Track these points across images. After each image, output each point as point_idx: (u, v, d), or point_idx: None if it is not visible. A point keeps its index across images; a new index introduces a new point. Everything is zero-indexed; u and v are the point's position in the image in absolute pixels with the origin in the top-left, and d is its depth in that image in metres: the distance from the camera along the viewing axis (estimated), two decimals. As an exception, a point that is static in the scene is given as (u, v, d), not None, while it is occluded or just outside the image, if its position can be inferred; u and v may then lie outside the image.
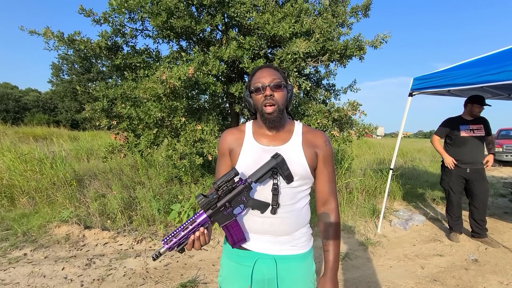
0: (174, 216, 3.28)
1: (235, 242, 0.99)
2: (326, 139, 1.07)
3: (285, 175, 0.96)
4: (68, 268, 2.50)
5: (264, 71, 1.04)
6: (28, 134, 10.92)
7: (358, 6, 3.96)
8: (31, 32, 3.15)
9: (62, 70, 29.20)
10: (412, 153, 10.46)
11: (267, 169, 0.95)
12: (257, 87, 1.01)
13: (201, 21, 3.27)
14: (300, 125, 1.11)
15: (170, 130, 3.47)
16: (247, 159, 1.04)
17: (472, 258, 2.86)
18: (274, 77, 1.02)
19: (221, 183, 0.92)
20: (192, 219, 0.91)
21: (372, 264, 2.73)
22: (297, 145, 1.04)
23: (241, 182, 0.95)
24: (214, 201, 0.93)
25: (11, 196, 3.88)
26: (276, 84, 1.00)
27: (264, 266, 1.02)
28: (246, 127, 1.12)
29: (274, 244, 1.02)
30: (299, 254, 1.05)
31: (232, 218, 0.96)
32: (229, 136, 1.11)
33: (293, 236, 1.04)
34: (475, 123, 3.16)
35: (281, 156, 0.96)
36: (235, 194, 0.94)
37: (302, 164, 1.01)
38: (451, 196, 3.29)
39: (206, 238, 0.93)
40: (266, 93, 1.00)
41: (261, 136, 1.07)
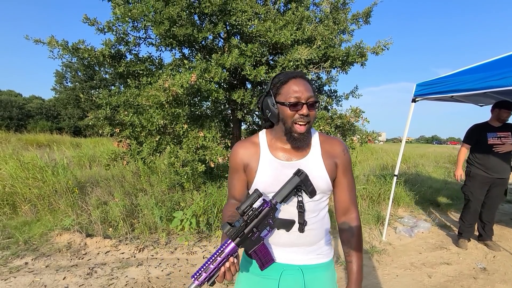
0: (176, 224, 3.25)
1: (264, 264, 0.94)
2: (344, 148, 1.04)
3: (309, 191, 0.93)
4: (69, 277, 2.46)
5: (299, 83, 0.94)
6: (31, 141, 10.98)
7: (359, 13, 3.99)
8: (36, 41, 3.19)
9: (65, 77, 29.53)
10: (415, 159, 10.39)
11: (291, 188, 0.91)
12: (292, 102, 0.91)
13: (203, 29, 3.30)
14: (316, 134, 1.06)
15: (173, 137, 3.47)
16: (266, 176, 0.98)
17: (480, 266, 2.80)
18: (311, 94, 0.94)
19: (246, 208, 0.88)
20: (220, 250, 0.86)
21: (378, 273, 2.68)
22: (317, 158, 1.00)
23: (267, 204, 0.91)
24: (241, 229, 0.89)
25: (13, 203, 3.87)
26: (313, 103, 0.93)
27: (290, 277, 1.00)
28: (260, 139, 1.05)
29: (300, 254, 1.00)
30: (324, 263, 1.03)
31: (260, 242, 0.92)
32: (242, 150, 1.04)
33: (318, 244, 1.02)
34: (503, 130, 3.09)
35: (304, 173, 0.92)
36: (262, 218, 0.90)
37: (324, 178, 0.98)
38: (471, 202, 3.23)
39: (236, 267, 0.88)
40: (303, 112, 0.92)
41: (277, 149, 1.01)
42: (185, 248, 3.04)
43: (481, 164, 3.17)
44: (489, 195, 3.20)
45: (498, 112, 3.09)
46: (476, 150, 3.25)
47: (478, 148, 3.21)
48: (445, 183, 6.36)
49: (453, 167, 9.07)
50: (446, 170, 8.35)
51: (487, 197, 3.21)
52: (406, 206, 4.73)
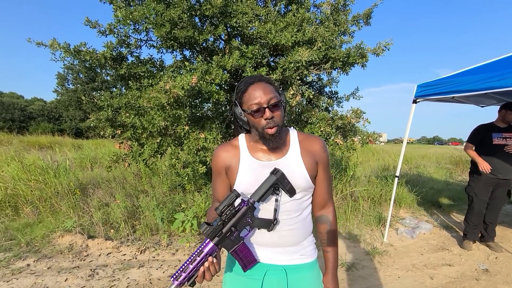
0: (177, 226, 3.25)
1: (246, 266, 0.96)
2: (323, 145, 1.06)
3: (287, 189, 0.94)
4: (71, 279, 2.47)
5: (258, 88, 0.94)
6: (32, 143, 11.03)
7: (359, 15, 3.99)
8: (38, 44, 3.21)
9: (67, 79, 29.67)
10: (416, 159, 10.37)
11: (268, 186, 0.92)
12: (254, 109, 0.93)
13: (204, 31, 3.31)
14: (295, 132, 1.07)
15: (174, 138, 3.48)
16: (247, 177, 1.00)
17: (482, 267, 2.79)
18: (271, 95, 0.93)
19: (223, 208, 0.89)
20: (199, 250, 0.88)
21: (380, 274, 2.67)
22: (296, 156, 1.01)
23: (244, 203, 0.92)
24: (219, 228, 0.90)
25: (15, 205, 3.89)
26: (274, 104, 0.94)
27: (273, 277, 1.01)
28: (240, 142, 1.07)
29: (284, 254, 1.01)
30: (308, 263, 1.04)
31: (240, 241, 0.93)
32: (223, 153, 1.05)
33: (301, 245, 1.04)
34: (508, 131, 3.09)
35: (280, 171, 0.93)
36: (240, 217, 0.91)
37: (303, 176, 0.99)
38: (474, 203, 3.22)
39: (216, 267, 0.89)
40: (267, 115, 0.92)
41: (257, 151, 1.03)
42: (186, 250, 3.05)
43: None
44: (493, 196, 3.19)
45: (504, 113, 3.09)
46: (480, 150, 3.23)
47: (483, 148, 3.20)
48: (446, 184, 6.34)
49: (454, 168, 9.05)
50: (447, 171, 8.32)
51: (491, 198, 3.20)
52: (408, 207, 4.72)
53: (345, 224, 3.80)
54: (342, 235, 3.54)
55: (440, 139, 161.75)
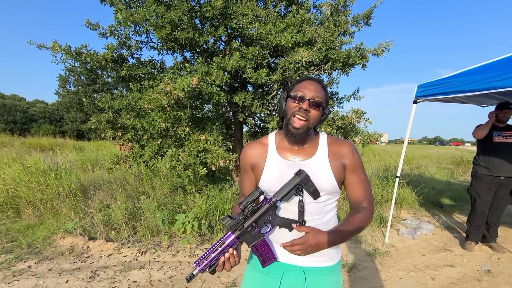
0: (178, 227, 3.25)
1: (265, 262, 0.97)
2: (353, 148, 1.04)
3: (311, 191, 0.94)
4: (72, 281, 2.47)
5: (311, 83, 0.99)
6: (34, 145, 11.06)
7: (359, 15, 4.00)
8: (39, 46, 3.22)
9: (68, 81, 29.76)
10: (417, 160, 10.35)
11: (291, 187, 0.93)
12: (297, 95, 0.96)
13: (205, 32, 3.32)
14: (325, 136, 1.07)
15: (174, 140, 3.48)
16: (271, 175, 1.01)
17: (484, 268, 2.77)
18: (318, 94, 0.97)
19: (246, 203, 0.91)
20: (221, 241, 0.91)
21: (381, 275, 2.66)
22: (323, 159, 1.00)
23: (266, 201, 0.94)
24: (241, 222, 0.92)
25: (17, 207, 3.90)
26: (316, 102, 0.96)
27: (292, 277, 1.01)
28: (269, 140, 1.08)
29: (303, 256, 1.00)
30: (328, 267, 1.02)
31: (260, 237, 0.94)
32: (251, 150, 1.08)
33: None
34: (507, 129, 3.11)
35: (304, 173, 0.93)
36: (261, 214, 0.93)
37: (329, 179, 0.98)
38: (477, 203, 3.21)
39: (236, 259, 0.91)
40: (303, 106, 0.95)
41: (285, 150, 1.03)
42: (187, 251, 3.04)
43: (486, 163, 3.15)
44: (495, 196, 3.18)
45: (497, 114, 3.12)
46: (481, 149, 3.23)
47: (484, 147, 3.20)
48: (448, 184, 6.32)
49: (456, 168, 9.02)
50: (449, 171, 8.30)
51: (494, 198, 3.18)
52: (409, 208, 4.70)
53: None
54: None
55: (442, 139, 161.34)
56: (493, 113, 3.12)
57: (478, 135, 3.16)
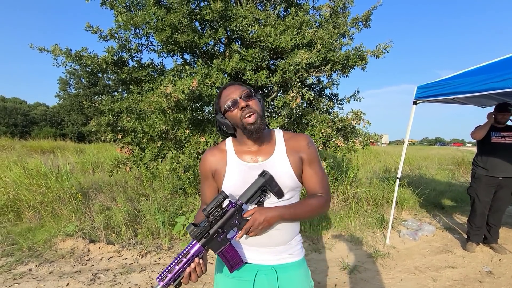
0: (179, 229, 3.25)
1: (233, 267, 0.96)
2: (309, 141, 1.05)
3: (275, 191, 0.95)
4: (72, 283, 2.47)
5: (228, 89, 1.01)
6: (35, 148, 11.09)
7: (359, 17, 4.00)
8: (40, 50, 3.24)
9: (69, 84, 29.89)
10: (418, 161, 10.33)
11: (256, 188, 0.93)
12: (229, 104, 0.98)
13: (204, 35, 3.34)
14: (280, 132, 1.08)
15: (174, 142, 3.49)
16: (234, 179, 1.01)
17: (486, 270, 2.76)
18: (242, 89, 1.00)
19: (211, 209, 0.90)
20: (185, 251, 0.88)
21: (382, 277, 2.65)
22: (282, 156, 1.02)
23: (232, 205, 0.92)
24: (206, 229, 0.90)
25: (17, 210, 3.90)
26: (246, 95, 0.98)
27: (264, 278, 1.02)
28: (227, 145, 1.09)
29: (273, 254, 1.02)
30: (296, 261, 1.06)
31: (227, 243, 0.93)
32: (211, 157, 1.07)
33: (290, 244, 1.05)
34: (506, 130, 3.11)
35: (268, 174, 0.94)
36: (227, 218, 0.92)
37: (289, 174, 1.00)
38: (476, 204, 3.20)
39: (202, 268, 0.90)
40: (241, 105, 0.96)
41: (244, 153, 1.04)
42: (188, 253, 3.04)
43: (485, 164, 3.15)
44: (496, 197, 3.17)
45: (495, 115, 3.12)
46: (480, 150, 3.23)
47: (483, 147, 3.20)
48: (449, 185, 6.31)
49: (457, 169, 9.00)
50: (450, 172, 8.28)
51: (494, 199, 3.18)
52: (410, 209, 4.69)
53: (347, 226, 3.78)
54: (344, 237, 3.53)
55: (442, 140, 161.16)
56: (491, 114, 3.13)
57: (476, 136, 3.17)
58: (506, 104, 3.11)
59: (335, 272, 2.72)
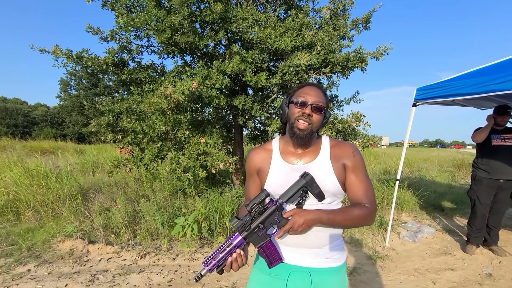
0: (178, 230, 3.25)
1: (271, 262, 0.99)
2: (354, 149, 1.05)
3: (316, 193, 0.96)
4: (71, 284, 2.47)
5: (312, 89, 1.03)
6: (35, 148, 11.09)
7: (358, 19, 4.02)
8: (41, 51, 3.26)
9: (70, 85, 29.95)
10: (418, 163, 10.31)
11: (296, 189, 0.95)
12: (299, 101, 1.00)
13: (205, 36, 3.35)
14: (327, 139, 1.09)
15: (174, 143, 3.49)
16: (276, 178, 1.04)
17: (486, 272, 2.75)
18: (319, 99, 1.01)
19: (253, 205, 0.94)
20: (228, 241, 0.93)
21: (381, 279, 2.65)
22: (325, 161, 1.02)
23: (272, 203, 0.96)
24: (248, 223, 0.95)
25: (17, 210, 3.90)
26: (318, 107, 1.00)
27: (298, 278, 1.02)
28: (273, 145, 1.12)
29: (309, 256, 1.02)
30: (334, 267, 1.04)
31: (267, 238, 0.96)
32: (256, 156, 1.11)
33: (327, 248, 1.04)
34: (506, 132, 3.11)
35: (309, 175, 0.95)
36: (268, 215, 0.95)
37: (332, 181, 1.00)
38: (476, 206, 3.20)
39: (243, 259, 0.94)
40: (306, 111, 0.99)
41: (288, 154, 1.07)
42: (187, 255, 3.04)
43: (486, 166, 3.15)
44: (496, 199, 3.17)
45: (495, 117, 3.12)
46: (480, 153, 3.23)
47: (483, 150, 3.20)
48: (449, 187, 6.30)
49: (457, 171, 8.99)
50: (450, 174, 8.26)
51: (494, 201, 3.18)
52: (410, 211, 4.69)
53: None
54: (344, 239, 3.52)
55: (443, 142, 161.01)
56: (491, 116, 3.13)
57: (477, 139, 3.16)
58: (505, 107, 3.11)
59: (334, 274, 2.72)
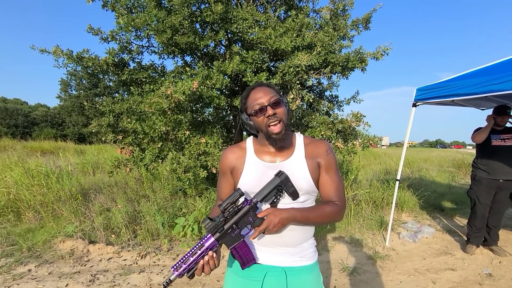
0: (178, 230, 3.25)
1: (244, 263, 0.98)
2: (328, 148, 1.06)
3: (290, 192, 0.96)
4: (71, 284, 2.47)
5: (258, 91, 1.01)
6: (35, 149, 11.10)
7: (358, 19, 4.02)
8: (41, 51, 3.26)
9: (70, 85, 29.98)
10: (418, 163, 10.31)
11: (271, 188, 0.95)
12: (256, 109, 0.98)
13: (205, 37, 3.36)
14: (301, 137, 1.10)
15: (175, 143, 3.50)
16: (250, 176, 1.03)
17: (486, 272, 2.76)
18: (271, 94, 0.99)
19: (226, 205, 0.92)
20: (200, 244, 0.91)
21: (382, 279, 2.65)
22: (300, 159, 1.03)
23: (247, 202, 0.94)
24: (221, 224, 0.93)
25: (18, 210, 3.91)
26: (275, 102, 0.98)
27: (274, 279, 1.02)
28: (247, 144, 1.11)
29: (284, 256, 1.02)
30: (308, 265, 1.04)
31: (240, 239, 0.95)
32: (230, 154, 1.10)
33: (301, 247, 1.04)
34: (505, 132, 3.12)
35: (284, 174, 0.95)
36: (242, 215, 0.93)
37: (306, 178, 1.00)
38: (476, 206, 3.20)
39: (215, 262, 0.92)
40: (269, 113, 0.97)
41: (263, 153, 1.06)
42: (187, 255, 3.04)
43: (485, 166, 3.15)
44: (495, 199, 3.18)
45: (494, 118, 3.12)
46: (480, 153, 3.24)
47: (483, 150, 3.21)
48: (449, 187, 6.30)
49: (457, 171, 8.99)
50: (450, 174, 8.26)
51: (493, 201, 3.18)
52: (410, 211, 4.69)
53: (347, 228, 3.78)
54: (344, 239, 3.52)
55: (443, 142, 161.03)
56: (491, 116, 3.13)
57: (477, 139, 3.17)
58: (505, 107, 3.12)
59: (334, 274, 2.72)
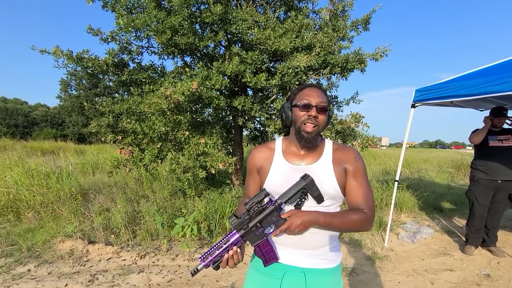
0: (177, 231, 3.26)
1: (267, 261, 1.00)
2: (357, 155, 1.05)
3: (315, 195, 0.96)
4: (71, 284, 2.48)
5: (313, 90, 1.03)
6: (35, 149, 11.11)
7: (358, 20, 4.03)
8: (41, 51, 3.27)
9: (70, 85, 29.97)
10: (418, 164, 10.32)
11: (296, 190, 0.96)
12: (304, 104, 1.00)
13: (205, 37, 3.37)
14: (331, 142, 1.09)
15: (174, 144, 3.50)
16: (276, 177, 1.04)
17: (484, 273, 2.76)
18: (322, 99, 1.01)
19: (252, 204, 0.95)
20: (226, 239, 0.95)
21: (380, 279, 2.66)
22: (327, 164, 1.02)
23: (271, 203, 0.96)
24: (245, 222, 0.96)
25: (17, 210, 3.91)
26: (322, 107, 1.00)
27: (292, 278, 1.02)
28: (276, 145, 1.12)
29: (304, 257, 1.02)
30: (329, 268, 1.04)
31: (264, 237, 0.97)
32: (258, 154, 1.11)
33: (323, 249, 1.04)
34: (503, 133, 3.13)
35: (310, 177, 0.96)
36: (266, 215, 0.96)
37: (332, 184, 1.00)
38: (475, 207, 3.21)
39: (239, 257, 0.96)
40: (312, 113, 0.99)
41: (291, 154, 1.07)
42: (186, 255, 3.04)
43: (484, 167, 3.16)
44: (494, 200, 3.19)
45: (491, 119, 3.14)
46: (478, 154, 3.25)
47: (481, 151, 3.22)
48: (448, 188, 6.31)
49: (456, 172, 9.00)
50: (449, 175, 8.27)
51: (492, 202, 3.19)
52: (409, 212, 4.70)
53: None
54: (343, 240, 3.53)
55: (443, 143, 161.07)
56: (488, 118, 3.14)
57: (474, 140, 3.18)
58: (501, 108, 3.13)
59: (333, 274, 2.72)
